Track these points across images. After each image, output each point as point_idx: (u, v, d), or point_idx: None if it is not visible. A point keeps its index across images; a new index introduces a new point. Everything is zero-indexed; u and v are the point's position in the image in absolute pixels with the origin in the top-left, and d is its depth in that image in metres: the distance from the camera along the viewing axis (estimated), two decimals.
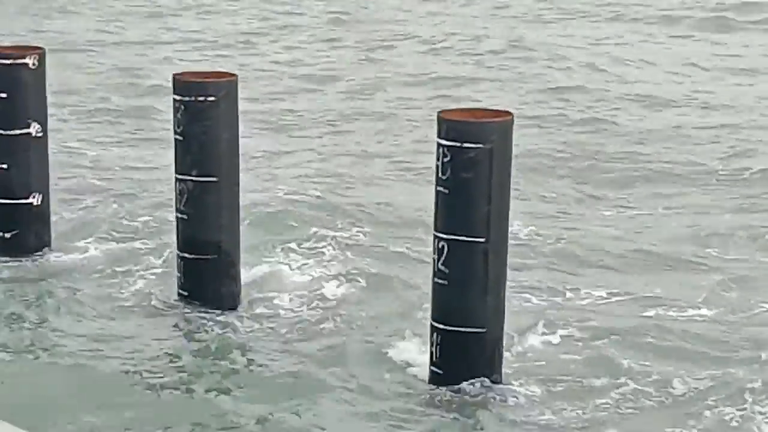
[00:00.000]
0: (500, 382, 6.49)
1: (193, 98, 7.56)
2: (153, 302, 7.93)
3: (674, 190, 11.17)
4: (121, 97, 15.01)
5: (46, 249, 8.84)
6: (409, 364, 6.82)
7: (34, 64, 8.60)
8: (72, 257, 8.82)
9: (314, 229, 9.26)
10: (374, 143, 13.05)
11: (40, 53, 8.81)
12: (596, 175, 11.63)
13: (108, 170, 11.34)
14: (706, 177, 11.44)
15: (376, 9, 22.48)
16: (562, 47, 18.54)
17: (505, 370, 6.57)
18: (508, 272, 6.57)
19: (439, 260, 6.36)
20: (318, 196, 10.35)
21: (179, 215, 7.82)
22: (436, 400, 6.34)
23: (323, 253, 8.82)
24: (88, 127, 13.31)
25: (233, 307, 7.79)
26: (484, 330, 6.36)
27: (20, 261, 8.58)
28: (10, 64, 8.61)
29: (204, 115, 7.56)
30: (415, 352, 6.89)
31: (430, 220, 6.57)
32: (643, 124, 13.81)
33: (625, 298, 8.14)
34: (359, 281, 8.27)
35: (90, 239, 9.13)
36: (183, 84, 7.83)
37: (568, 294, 8.21)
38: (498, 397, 6.33)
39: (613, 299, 8.12)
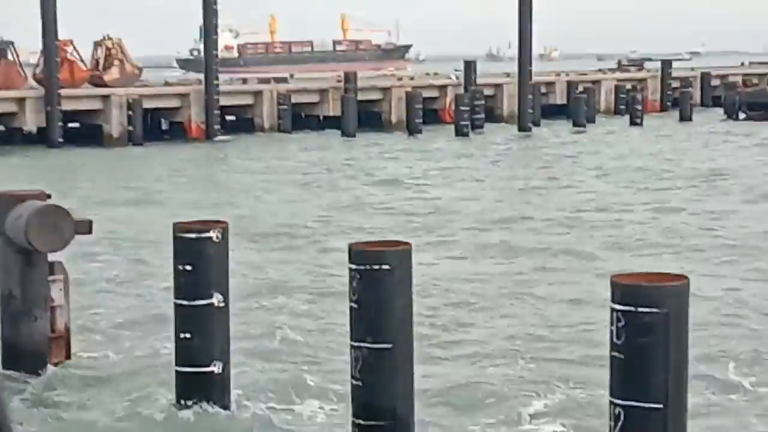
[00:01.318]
0: None
1: (368, 267, 7.70)
2: None
3: None
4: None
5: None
6: None
7: (218, 237, 9.10)
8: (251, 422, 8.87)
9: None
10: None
11: (224, 227, 9.07)
12: None
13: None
14: None
15: None
16: None
17: None
18: None
19: (615, 428, 6.09)
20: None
21: (354, 381, 7.85)
22: None
23: None
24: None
25: None
26: None
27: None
28: (196, 237, 9.25)
29: (379, 283, 7.63)
30: None
31: None
32: None
33: None
34: None
35: (271, 403, 9.21)
36: (359, 253, 7.98)
37: None
38: None
39: None
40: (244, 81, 50.13)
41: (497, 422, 8.85)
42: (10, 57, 41.11)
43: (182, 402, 8.97)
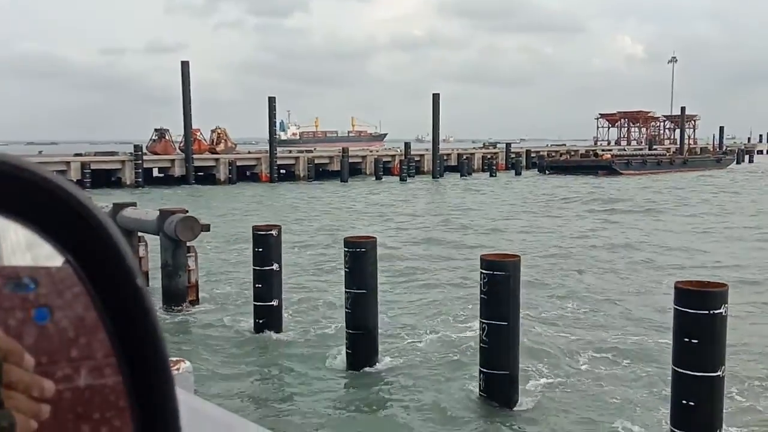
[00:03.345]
0: None
1: None
2: None
3: None
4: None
5: None
6: None
7: (276, 233, 15.81)
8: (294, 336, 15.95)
9: None
10: None
11: (279, 228, 16.04)
12: None
13: None
14: None
15: None
16: None
17: None
18: None
19: (482, 335, 12.15)
20: None
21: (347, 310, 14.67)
22: None
23: None
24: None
25: None
26: None
27: None
28: (264, 234, 15.90)
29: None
30: None
31: None
32: None
33: None
34: None
35: (305, 325, 16.31)
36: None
37: None
38: None
39: None
40: (309, 151, 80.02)
41: (440, 320, 15.53)
42: (167, 137, 68.98)
43: (257, 322, 15.71)
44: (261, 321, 15.53)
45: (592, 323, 15.91)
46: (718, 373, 9.09)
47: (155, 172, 63.11)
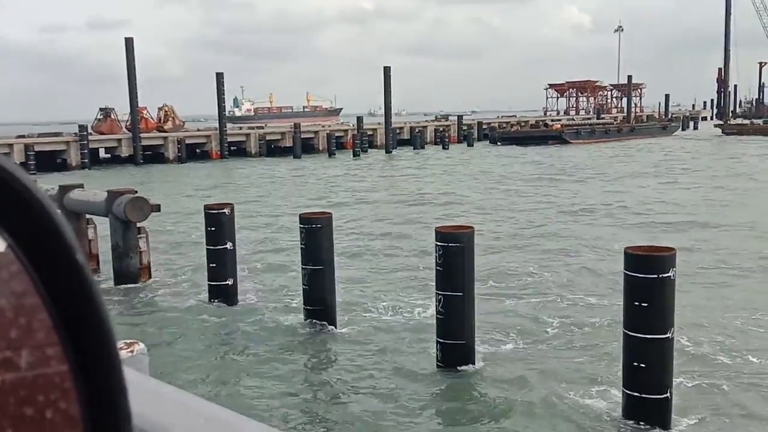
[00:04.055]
0: None
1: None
2: None
3: None
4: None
5: None
6: None
7: (228, 212, 15.68)
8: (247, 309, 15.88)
9: None
10: None
11: (231, 206, 15.82)
12: None
13: None
14: None
15: None
16: None
17: None
18: None
19: (438, 305, 12.49)
20: None
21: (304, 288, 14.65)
22: None
23: None
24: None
25: None
26: None
27: None
28: (216, 212, 15.72)
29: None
30: None
31: None
32: None
33: None
34: None
35: (261, 292, 16.24)
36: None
37: None
38: None
39: None
40: (260, 128, 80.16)
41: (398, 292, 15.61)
42: (112, 116, 68.15)
43: (212, 301, 15.62)
44: (216, 300, 15.50)
45: (550, 288, 16.18)
46: (668, 335, 9.33)
47: (102, 153, 62.05)
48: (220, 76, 66.21)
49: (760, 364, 11.67)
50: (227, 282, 15.42)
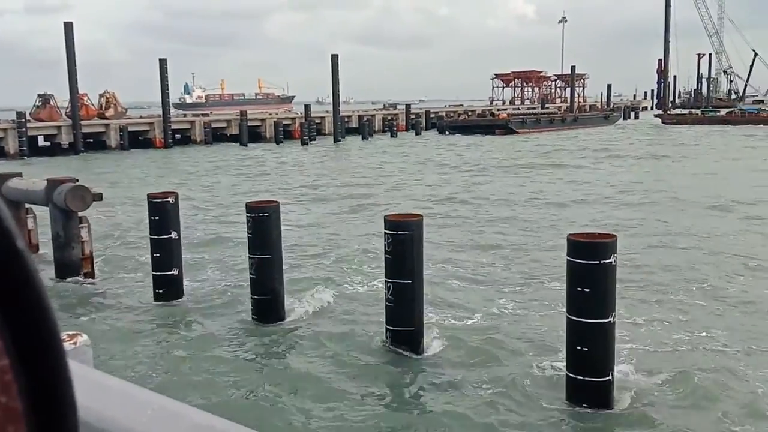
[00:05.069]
0: None
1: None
2: None
3: None
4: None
5: None
6: None
7: (173, 201, 15.34)
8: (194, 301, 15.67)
9: None
10: None
11: (176, 195, 15.51)
12: None
13: None
14: None
15: None
16: None
17: None
18: None
19: (387, 293, 12.54)
20: None
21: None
22: None
23: None
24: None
25: None
26: None
27: None
28: (160, 201, 15.38)
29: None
30: None
31: None
32: None
33: None
34: None
35: (201, 284, 16.03)
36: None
37: None
38: None
39: None
40: (205, 115, 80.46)
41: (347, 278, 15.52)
42: (52, 103, 65.29)
43: (157, 292, 15.26)
44: (161, 291, 15.17)
45: (498, 274, 16.38)
46: (609, 319, 9.54)
47: (41, 141, 59.99)
48: (163, 62, 64.98)
49: (702, 340, 12.02)
50: (172, 272, 15.11)
